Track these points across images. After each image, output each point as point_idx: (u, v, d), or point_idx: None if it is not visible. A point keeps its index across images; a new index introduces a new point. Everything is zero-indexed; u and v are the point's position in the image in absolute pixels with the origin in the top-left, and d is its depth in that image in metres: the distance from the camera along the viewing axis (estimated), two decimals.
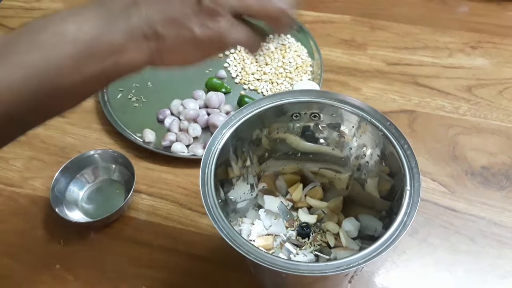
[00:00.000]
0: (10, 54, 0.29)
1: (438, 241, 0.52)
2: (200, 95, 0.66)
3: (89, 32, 0.30)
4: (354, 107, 0.41)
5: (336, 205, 0.48)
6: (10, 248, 0.54)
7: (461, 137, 0.61)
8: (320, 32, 0.76)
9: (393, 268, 0.50)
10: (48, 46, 0.29)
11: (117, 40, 0.30)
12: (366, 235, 0.46)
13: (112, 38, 0.30)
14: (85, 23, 0.30)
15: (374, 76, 0.69)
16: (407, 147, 0.38)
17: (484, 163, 0.58)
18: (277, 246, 0.48)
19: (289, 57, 0.71)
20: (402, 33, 0.75)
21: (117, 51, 0.31)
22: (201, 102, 0.65)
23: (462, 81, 0.68)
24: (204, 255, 0.52)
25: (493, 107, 0.64)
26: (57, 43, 0.30)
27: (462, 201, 0.55)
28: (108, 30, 0.30)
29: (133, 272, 0.51)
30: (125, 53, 0.31)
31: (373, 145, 0.41)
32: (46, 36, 0.30)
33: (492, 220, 0.53)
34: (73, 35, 0.30)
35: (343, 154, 0.45)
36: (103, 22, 0.30)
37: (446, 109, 0.65)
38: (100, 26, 0.30)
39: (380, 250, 0.33)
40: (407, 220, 0.34)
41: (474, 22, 0.76)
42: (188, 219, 0.55)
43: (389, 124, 0.39)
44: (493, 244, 0.52)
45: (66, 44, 0.30)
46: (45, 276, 0.51)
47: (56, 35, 0.30)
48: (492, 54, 0.71)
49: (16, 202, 0.58)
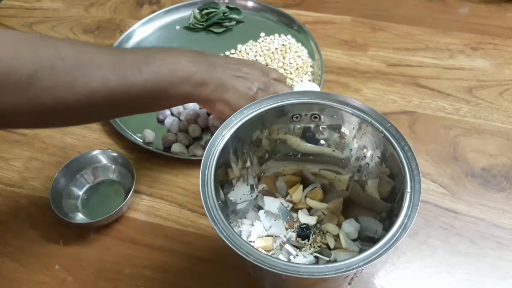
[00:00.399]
0: (150, 63, 0.46)
1: (438, 243, 0.52)
2: None
3: (192, 69, 0.49)
4: (354, 109, 0.40)
5: (336, 206, 0.48)
6: (9, 248, 0.54)
7: (461, 138, 0.61)
8: (321, 32, 0.76)
9: (393, 270, 0.50)
10: (171, 66, 0.47)
11: (205, 80, 0.50)
12: (366, 237, 0.46)
13: (202, 77, 0.50)
14: (192, 63, 0.49)
15: (375, 77, 0.69)
16: (407, 149, 0.38)
17: (485, 164, 0.58)
18: (277, 248, 0.47)
19: (289, 58, 0.70)
20: (403, 34, 0.75)
21: (200, 85, 0.49)
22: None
23: (463, 83, 0.68)
24: (203, 256, 0.52)
25: (494, 108, 0.64)
26: (175, 67, 0.48)
27: (462, 203, 0.55)
28: (203, 72, 0.50)
29: (133, 272, 0.51)
30: (204, 88, 0.50)
31: (374, 147, 0.41)
32: (170, 61, 0.48)
33: (492, 221, 0.53)
34: (184, 66, 0.48)
35: (343, 156, 0.45)
36: (204, 66, 0.50)
37: (447, 110, 0.64)
38: (200, 68, 0.50)
39: (380, 252, 0.33)
40: (407, 222, 0.34)
41: (474, 23, 0.76)
42: (188, 220, 0.55)
43: (389, 126, 0.39)
44: (493, 246, 0.52)
45: (179, 71, 0.48)
46: (44, 277, 0.51)
47: (175, 63, 0.48)
48: (492, 56, 0.71)
49: (16, 202, 0.58)
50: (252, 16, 0.79)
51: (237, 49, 0.74)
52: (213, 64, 0.51)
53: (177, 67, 0.47)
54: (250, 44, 0.74)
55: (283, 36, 0.75)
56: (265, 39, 0.74)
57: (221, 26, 0.78)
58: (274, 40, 0.74)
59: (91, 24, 0.82)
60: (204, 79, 0.49)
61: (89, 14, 0.83)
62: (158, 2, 0.85)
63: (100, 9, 0.84)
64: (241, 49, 0.73)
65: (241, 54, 0.73)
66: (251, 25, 0.78)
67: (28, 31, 0.80)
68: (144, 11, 0.83)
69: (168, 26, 0.79)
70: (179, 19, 0.80)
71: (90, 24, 0.81)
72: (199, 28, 0.78)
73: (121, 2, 0.85)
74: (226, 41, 0.76)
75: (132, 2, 0.85)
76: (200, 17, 0.79)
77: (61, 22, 0.82)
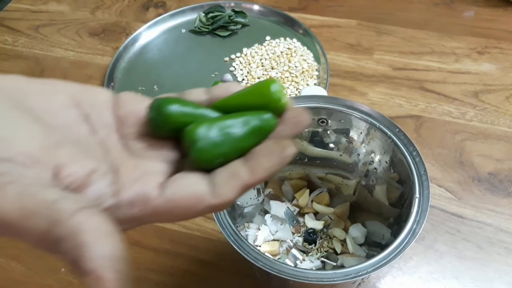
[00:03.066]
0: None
1: (444, 248, 0.52)
2: None
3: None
4: (362, 113, 0.40)
5: (342, 211, 0.48)
6: (15, 251, 0.54)
7: (467, 143, 0.61)
8: (326, 36, 0.76)
9: (399, 275, 0.50)
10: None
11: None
12: (373, 242, 0.46)
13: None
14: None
15: (380, 81, 0.69)
16: (415, 154, 0.38)
17: (491, 169, 0.58)
18: (283, 252, 0.47)
19: (295, 61, 0.71)
20: (408, 38, 0.75)
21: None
22: None
23: (469, 87, 0.68)
24: (209, 260, 0.52)
25: (500, 113, 0.64)
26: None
27: (469, 208, 0.55)
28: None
29: (138, 276, 0.51)
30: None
31: (382, 152, 0.41)
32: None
33: (499, 227, 0.53)
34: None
35: (351, 160, 0.45)
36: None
37: (453, 114, 0.64)
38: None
39: (389, 258, 0.32)
40: (416, 228, 0.34)
41: (480, 27, 0.76)
42: (194, 223, 0.55)
43: (397, 131, 0.39)
44: (500, 251, 0.51)
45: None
46: (50, 280, 0.51)
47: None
48: (499, 60, 0.71)
49: None
50: (258, 19, 0.79)
51: (242, 53, 0.74)
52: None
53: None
54: (256, 48, 0.74)
55: (289, 40, 0.75)
56: (271, 42, 0.75)
57: (227, 29, 0.78)
58: (279, 44, 0.74)
59: (97, 27, 0.82)
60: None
61: (95, 17, 0.84)
62: (163, 6, 0.85)
63: (106, 12, 0.85)
64: (246, 53, 0.73)
65: (246, 58, 0.73)
66: (256, 29, 0.78)
67: (35, 34, 0.81)
68: (150, 14, 0.83)
69: (174, 29, 0.79)
70: (185, 22, 0.80)
71: (96, 27, 0.82)
72: (205, 31, 0.78)
73: (127, 5, 0.86)
74: (232, 44, 0.76)
75: (138, 5, 0.85)
76: (206, 20, 0.79)
77: (67, 25, 0.82)
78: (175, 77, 0.71)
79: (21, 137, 0.20)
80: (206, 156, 0.22)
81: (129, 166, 0.23)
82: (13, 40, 0.80)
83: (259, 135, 0.23)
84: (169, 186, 0.22)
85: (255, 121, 0.23)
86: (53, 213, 0.19)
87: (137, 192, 0.21)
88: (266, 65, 0.71)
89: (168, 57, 0.75)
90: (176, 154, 0.24)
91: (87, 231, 0.19)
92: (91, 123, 0.24)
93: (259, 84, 0.24)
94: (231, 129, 0.22)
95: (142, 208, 0.21)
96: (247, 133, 0.22)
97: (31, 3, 0.87)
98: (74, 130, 0.23)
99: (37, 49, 0.78)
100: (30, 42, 0.80)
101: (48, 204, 0.19)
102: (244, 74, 0.71)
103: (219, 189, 0.21)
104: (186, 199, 0.21)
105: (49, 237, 0.19)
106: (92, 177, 0.21)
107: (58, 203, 0.19)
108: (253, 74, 0.70)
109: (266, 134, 0.23)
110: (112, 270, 0.19)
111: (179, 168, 0.24)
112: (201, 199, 0.21)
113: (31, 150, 0.20)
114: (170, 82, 0.71)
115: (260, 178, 0.22)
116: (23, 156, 0.20)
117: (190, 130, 0.22)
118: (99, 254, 0.18)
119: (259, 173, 0.22)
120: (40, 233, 0.19)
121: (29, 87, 0.23)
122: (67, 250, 0.19)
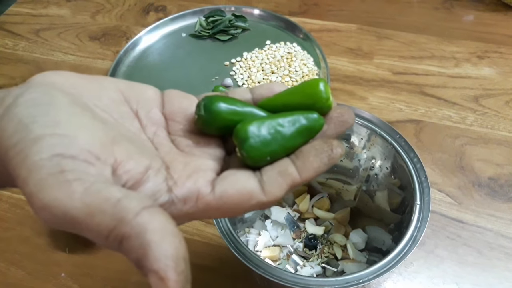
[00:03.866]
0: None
1: (445, 253, 0.52)
2: None
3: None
4: (363, 119, 0.40)
5: (343, 216, 0.48)
6: (16, 255, 0.54)
7: (468, 147, 0.61)
8: (326, 40, 0.76)
9: (399, 280, 0.50)
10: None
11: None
12: (374, 247, 0.46)
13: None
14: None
15: (380, 85, 0.69)
16: (416, 160, 0.38)
17: (491, 174, 0.58)
18: (284, 258, 0.47)
19: (295, 66, 0.71)
20: (408, 42, 0.75)
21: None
22: None
23: (469, 91, 0.68)
24: (209, 265, 0.52)
25: (500, 117, 0.64)
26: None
27: (469, 213, 0.55)
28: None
29: (139, 281, 0.51)
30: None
31: (383, 158, 0.41)
32: None
33: (499, 232, 0.53)
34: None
35: (351, 166, 0.45)
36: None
37: (453, 119, 0.64)
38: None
39: (391, 265, 0.32)
40: (417, 235, 0.34)
41: (480, 31, 0.76)
42: (194, 228, 0.55)
43: (398, 137, 0.39)
44: (500, 257, 0.51)
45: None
46: (50, 285, 0.51)
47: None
48: (499, 64, 0.71)
49: (22, 209, 0.58)
50: (258, 24, 0.80)
51: (242, 57, 0.74)
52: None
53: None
54: (256, 52, 0.74)
55: (289, 44, 0.75)
56: (271, 47, 0.75)
57: (227, 33, 0.78)
58: (280, 48, 0.74)
59: (97, 31, 0.82)
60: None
61: (95, 21, 0.84)
62: (164, 10, 0.85)
63: (106, 16, 0.85)
64: (246, 57, 0.73)
65: (246, 62, 0.73)
66: (257, 33, 0.78)
67: (35, 38, 0.81)
68: (150, 19, 0.83)
69: (174, 33, 0.79)
70: (185, 26, 0.80)
71: (96, 31, 0.82)
72: (205, 35, 0.78)
73: (127, 9, 0.86)
74: (232, 48, 0.76)
75: (138, 10, 0.86)
76: (206, 24, 0.79)
77: (67, 29, 0.82)
78: (176, 81, 0.72)
79: (83, 134, 0.21)
80: (256, 153, 0.22)
81: (180, 163, 0.23)
82: (13, 44, 0.80)
83: (307, 135, 0.23)
84: (220, 182, 0.22)
85: (303, 121, 0.23)
86: (119, 212, 0.19)
87: (190, 188, 0.22)
88: (267, 70, 0.71)
89: (169, 61, 0.75)
90: (222, 151, 0.25)
91: (152, 231, 0.19)
92: (140, 120, 0.24)
93: (306, 83, 0.24)
94: (280, 128, 0.23)
95: (194, 205, 0.22)
96: (295, 133, 0.23)
97: (32, 7, 0.87)
98: (126, 126, 0.24)
99: (37, 53, 0.78)
100: (31, 46, 0.80)
101: (114, 202, 0.19)
102: (244, 78, 0.71)
103: (269, 187, 0.22)
104: (237, 196, 0.22)
105: (113, 235, 0.19)
106: (147, 174, 0.22)
107: (123, 201, 0.19)
108: (253, 79, 0.70)
109: (314, 134, 0.23)
110: (175, 271, 0.19)
111: (224, 166, 0.24)
112: (251, 196, 0.22)
113: (92, 147, 0.21)
114: (171, 86, 0.70)
115: (309, 177, 0.22)
116: (86, 153, 0.20)
117: (241, 128, 0.23)
118: (164, 254, 0.19)
119: (307, 172, 0.22)
120: (105, 231, 0.19)
121: (80, 83, 0.24)
122: (131, 248, 0.19)
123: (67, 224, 0.19)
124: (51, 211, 0.19)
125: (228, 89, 0.68)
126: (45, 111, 0.21)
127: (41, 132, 0.20)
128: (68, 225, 0.19)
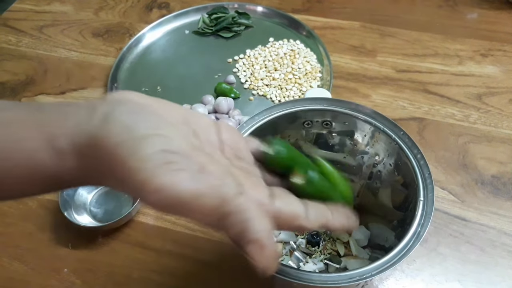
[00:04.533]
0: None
1: (448, 251, 0.52)
2: (209, 100, 0.66)
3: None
4: (367, 116, 0.40)
5: None
6: (19, 251, 0.54)
7: (471, 145, 0.61)
8: (330, 38, 0.76)
9: (402, 277, 0.50)
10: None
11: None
12: (376, 244, 0.46)
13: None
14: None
15: (384, 83, 0.69)
16: (420, 157, 0.38)
17: (495, 172, 0.58)
18: (286, 254, 0.47)
19: (298, 63, 0.71)
20: (412, 40, 0.75)
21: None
22: (210, 107, 0.65)
23: (472, 89, 0.67)
24: (212, 261, 0.52)
25: (504, 115, 0.64)
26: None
27: (472, 210, 0.55)
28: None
29: (141, 277, 0.51)
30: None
31: (386, 154, 0.41)
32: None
33: (502, 230, 0.53)
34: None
35: (355, 162, 0.45)
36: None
37: (456, 117, 0.64)
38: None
39: (393, 261, 0.32)
40: (420, 231, 0.34)
41: (484, 29, 0.76)
42: (197, 225, 0.55)
43: (402, 134, 0.39)
44: (503, 255, 0.51)
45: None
46: (53, 280, 0.51)
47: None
48: (502, 62, 0.71)
49: (25, 205, 0.58)
50: (261, 21, 0.80)
51: (245, 54, 0.74)
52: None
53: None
54: (259, 49, 0.74)
55: (292, 41, 0.75)
56: (274, 44, 0.75)
57: (230, 31, 0.78)
58: (283, 45, 0.74)
59: (100, 27, 0.82)
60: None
61: (98, 18, 0.84)
62: (167, 7, 0.85)
63: (109, 13, 0.85)
64: (249, 54, 0.73)
65: (250, 59, 0.73)
66: (260, 30, 0.78)
67: (38, 35, 0.81)
68: (153, 15, 0.83)
69: (177, 30, 0.79)
70: (188, 23, 0.80)
71: (99, 28, 0.82)
72: (208, 32, 0.78)
73: (130, 6, 0.86)
74: (235, 46, 0.76)
75: (141, 6, 0.86)
76: (209, 21, 0.79)
77: (70, 26, 0.83)
78: (179, 78, 0.72)
79: (176, 137, 0.25)
80: (311, 190, 0.29)
81: (240, 175, 0.27)
82: (16, 41, 0.80)
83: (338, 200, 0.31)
84: (276, 199, 0.26)
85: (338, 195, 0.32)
86: (221, 194, 0.24)
87: (253, 196, 0.25)
88: (269, 67, 0.71)
89: (172, 58, 0.75)
90: (264, 175, 0.30)
91: (251, 209, 0.24)
92: (200, 139, 0.27)
93: (342, 181, 0.33)
94: (325, 182, 0.31)
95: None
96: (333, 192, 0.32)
97: (35, 3, 0.87)
98: (191, 141, 0.27)
99: (40, 49, 0.79)
100: (34, 43, 0.80)
101: (217, 188, 0.24)
102: (247, 75, 0.71)
103: (311, 216, 0.27)
104: (289, 213, 0.26)
105: (216, 213, 0.23)
106: (226, 177, 0.25)
107: (223, 187, 0.24)
108: (256, 76, 0.70)
109: (344, 201, 0.32)
110: (272, 241, 0.23)
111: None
112: (298, 218, 0.26)
113: (185, 148, 0.25)
114: (174, 83, 0.71)
115: (336, 228, 0.29)
116: (183, 151, 0.24)
117: (305, 172, 0.30)
118: (263, 227, 0.23)
119: (336, 223, 0.29)
120: (209, 210, 0.23)
121: (151, 101, 0.27)
122: (233, 223, 0.23)
123: (174, 205, 0.23)
124: (164, 193, 0.23)
125: (232, 86, 0.68)
126: (143, 118, 0.25)
127: (145, 132, 0.24)
128: (175, 206, 0.23)
